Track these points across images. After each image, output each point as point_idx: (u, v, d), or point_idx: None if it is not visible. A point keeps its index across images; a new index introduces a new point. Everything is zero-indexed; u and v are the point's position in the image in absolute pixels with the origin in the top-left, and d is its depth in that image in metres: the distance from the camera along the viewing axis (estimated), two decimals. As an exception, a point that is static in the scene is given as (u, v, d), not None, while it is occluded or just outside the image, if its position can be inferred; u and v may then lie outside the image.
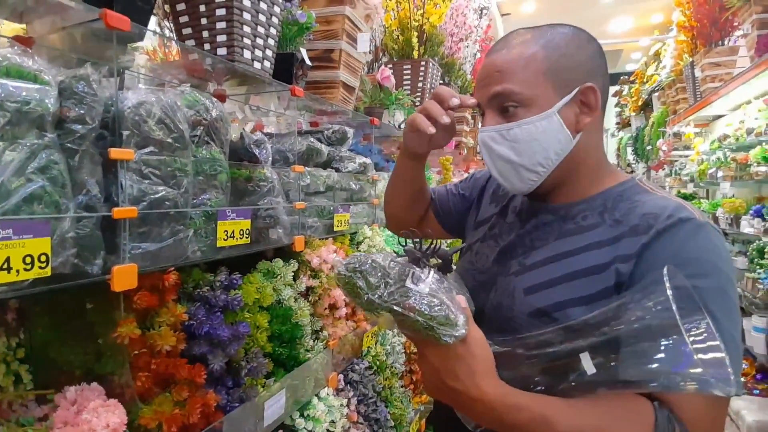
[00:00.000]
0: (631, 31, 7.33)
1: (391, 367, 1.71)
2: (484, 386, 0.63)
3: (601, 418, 0.63)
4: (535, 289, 0.77)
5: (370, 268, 0.62)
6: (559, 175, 0.80)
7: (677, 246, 0.68)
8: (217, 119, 1.05)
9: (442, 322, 0.60)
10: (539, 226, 0.83)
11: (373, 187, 1.89)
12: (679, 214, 0.70)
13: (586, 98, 0.77)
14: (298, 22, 1.37)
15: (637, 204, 0.75)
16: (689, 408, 0.63)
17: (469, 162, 4.73)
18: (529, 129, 0.76)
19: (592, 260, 0.73)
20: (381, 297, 0.61)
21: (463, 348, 0.63)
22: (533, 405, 0.63)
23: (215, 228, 1.03)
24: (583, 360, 0.61)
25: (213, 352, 1.02)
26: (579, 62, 0.78)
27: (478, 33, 3.89)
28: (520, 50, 0.78)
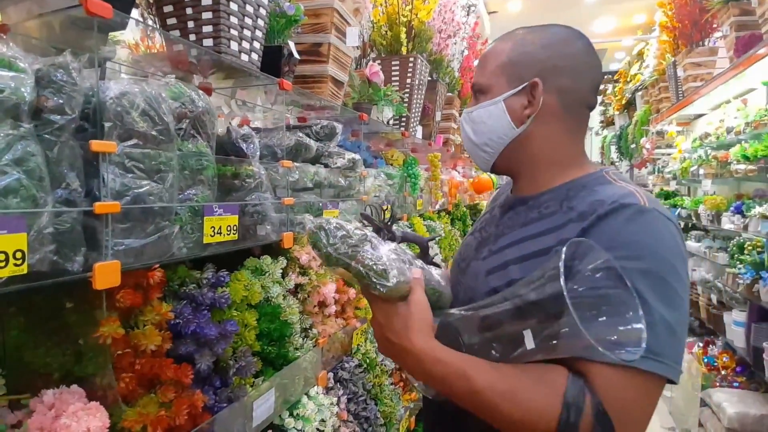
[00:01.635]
0: (614, 30, 7.41)
1: (381, 364, 1.69)
2: (414, 340, 0.72)
3: (515, 379, 0.68)
4: (494, 270, 0.84)
5: (334, 228, 0.73)
6: (512, 161, 0.88)
7: (615, 230, 0.71)
8: (204, 112, 1.02)
9: (378, 274, 0.72)
10: (511, 216, 0.89)
11: (362, 183, 1.87)
12: (623, 200, 0.73)
13: (533, 92, 0.83)
14: (287, 14, 1.34)
15: (593, 193, 0.78)
16: (604, 381, 0.65)
17: (457, 159, 4.74)
18: (479, 113, 0.87)
19: (542, 244, 0.79)
20: (337, 251, 0.72)
21: (404, 307, 0.74)
22: (455, 360, 0.70)
23: (202, 224, 1.00)
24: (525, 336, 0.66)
25: (200, 352, 0.99)
26: (537, 59, 0.83)
27: (466, 30, 3.88)
28: (494, 46, 0.89)
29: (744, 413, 2.79)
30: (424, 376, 0.74)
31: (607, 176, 0.82)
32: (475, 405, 0.69)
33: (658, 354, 0.64)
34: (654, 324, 0.64)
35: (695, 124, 5.10)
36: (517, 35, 0.87)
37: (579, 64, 0.84)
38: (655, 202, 0.74)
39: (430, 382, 0.74)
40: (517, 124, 0.84)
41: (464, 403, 0.71)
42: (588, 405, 0.64)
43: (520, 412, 0.66)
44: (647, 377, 0.65)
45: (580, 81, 0.84)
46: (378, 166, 2.36)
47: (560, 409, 0.64)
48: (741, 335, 3.12)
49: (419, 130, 2.97)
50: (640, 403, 0.67)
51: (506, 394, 0.67)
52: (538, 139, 0.85)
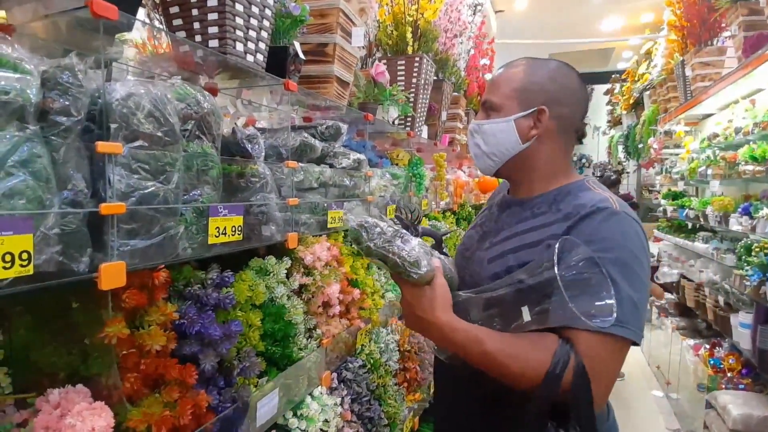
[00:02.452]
0: (622, 29, 7.35)
1: (385, 365, 1.69)
2: (439, 314, 0.89)
3: (517, 343, 0.87)
4: (494, 258, 1.01)
5: (372, 225, 0.87)
6: (515, 169, 1.06)
7: (592, 228, 0.91)
8: (209, 113, 1.03)
9: (411, 263, 0.86)
10: (509, 215, 1.08)
11: (367, 183, 1.87)
12: (599, 204, 0.93)
13: (538, 117, 1.02)
14: (292, 14, 1.34)
15: (576, 197, 0.98)
16: (586, 344, 0.84)
17: (462, 159, 4.72)
18: (491, 127, 1.05)
19: (533, 237, 0.97)
20: (375, 244, 0.86)
21: (429, 290, 0.90)
22: (469, 329, 0.89)
23: (206, 224, 1.00)
24: (524, 312, 0.86)
25: (204, 352, 0.99)
26: (545, 90, 1.02)
27: (472, 29, 3.87)
28: (510, 71, 1.06)
29: (748, 415, 2.77)
30: (445, 342, 0.91)
31: (587, 184, 1.02)
32: (485, 362, 0.87)
33: (625, 323, 0.85)
34: (622, 300, 0.84)
35: (704, 124, 5.05)
36: (528, 65, 1.04)
37: (576, 98, 1.04)
38: (624, 206, 0.94)
39: (450, 347, 0.92)
40: (522, 140, 1.02)
41: (476, 361, 0.88)
42: (572, 361, 0.83)
43: (520, 367, 0.85)
44: (617, 340, 0.86)
45: (574, 111, 1.04)
46: (383, 166, 2.35)
47: (550, 364, 0.83)
48: (747, 337, 3.08)
49: (425, 129, 2.97)
50: (611, 362, 0.87)
51: (510, 353, 0.85)
52: (537, 154, 1.04)
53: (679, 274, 4.46)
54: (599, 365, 0.85)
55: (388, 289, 1.83)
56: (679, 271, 4.46)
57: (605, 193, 0.98)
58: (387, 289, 1.82)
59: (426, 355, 2.01)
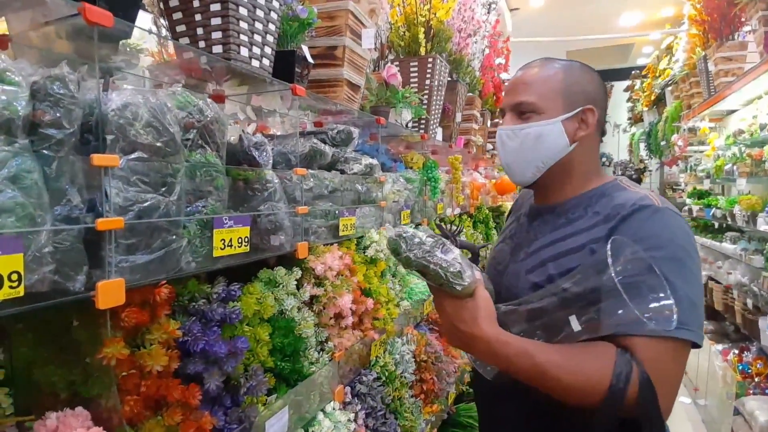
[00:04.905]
0: (641, 24, 7.17)
1: (401, 377, 1.63)
2: (483, 326, 0.84)
3: (570, 354, 0.81)
4: (533, 269, 0.98)
5: (411, 236, 0.85)
6: (554, 175, 1.00)
7: (637, 227, 0.87)
8: (213, 121, 0.99)
9: (454, 274, 0.83)
10: (541, 223, 1.04)
11: (380, 188, 1.82)
12: (641, 202, 0.89)
13: (585, 117, 0.98)
14: (299, 17, 1.30)
15: (613, 198, 0.94)
16: (646, 351, 0.79)
17: (478, 160, 4.64)
18: (537, 130, 0.97)
19: (574, 243, 0.93)
20: (415, 255, 0.84)
21: (471, 301, 0.85)
22: (518, 342, 0.83)
23: (211, 237, 0.96)
24: (571, 321, 0.80)
25: (209, 370, 0.95)
26: (586, 90, 0.99)
27: (487, 28, 3.79)
28: (545, 70, 0.99)
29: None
30: (491, 356, 0.86)
31: (621, 184, 0.99)
32: (538, 378, 0.82)
33: (686, 324, 0.79)
34: (680, 300, 0.77)
35: (728, 121, 4.88)
36: (563, 65, 1.00)
37: (605, 98, 1.03)
38: (666, 202, 0.90)
39: (496, 362, 0.86)
40: (570, 143, 0.98)
41: (527, 376, 0.83)
42: (635, 373, 0.77)
43: (577, 381, 0.79)
44: (679, 344, 0.81)
45: (604, 111, 1.02)
46: (398, 170, 2.30)
47: (611, 377, 0.77)
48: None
49: (439, 131, 2.90)
50: (675, 367, 0.82)
51: (564, 366, 0.80)
52: (576, 156, 0.99)
53: (707, 276, 4.30)
54: (663, 373, 0.79)
55: (403, 298, 1.77)
56: (706, 273, 4.30)
57: (642, 191, 0.94)
58: (402, 298, 1.77)
59: (443, 365, 1.95)
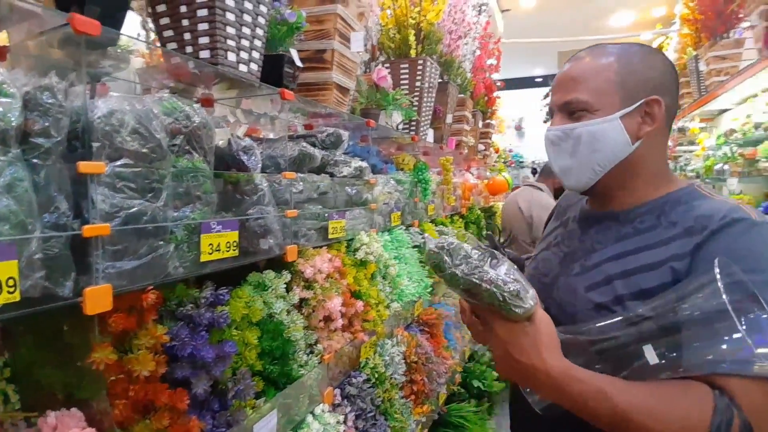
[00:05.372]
0: (632, 24, 7.23)
1: (391, 378, 1.64)
2: (548, 359, 0.71)
3: (659, 398, 0.68)
4: (594, 286, 0.85)
5: (455, 248, 0.72)
6: (616, 178, 0.87)
7: (730, 243, 0.74)
8: (200, 127, 0.99)
9: (514, 295, 0.70)
10: (600, 231, 0.91)
11: (370, 191, 1.83)
12: (733, 214, 0.76)
13: (650, 109, 0.85)
14: (288, 21, 1.31)
15: (692, 208, 0.82)
16: (747, 396, 0.66)
17: (470, 161, 4.66)
18: (591, 130, 0.85)
19: (648, 258, 0.80)
20: (463, 271, 0.70)
21: (530, 326, 0.72)
22: (593, 379, 0.70)
23: (198, 242, 0.97)
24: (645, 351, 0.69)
25: (196, 375, 0.96)
26: (648, 77, 0.85)
27: (477, 30, 3.81)
28: (595, 61, 0.88)
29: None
30: (556, 394, 0.72)
31: (700, 190, 0.86)
32: (616, 423, 0.69)
33: None
34: None
35: (719, 120, 4.93)
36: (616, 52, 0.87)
37: (674, 81, 0.88)
38: (760, 214, 0.78)
39: (562, 400, 0.73)
40: (632, 141, 0.85)
41: (602, 420, 0.70)
42: (736, 423, 0.65)
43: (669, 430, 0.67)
44: None
45: (675, 97, 0.88)
46: (389, 171, 2.31)
47: (709, 427, 0.65)
48: None
49: (430, 133, 2.92)
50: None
51: (652, 412, 0.67)
52: (642, 156, 0.87)
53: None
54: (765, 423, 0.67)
55: (393, 299, 1.78)
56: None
57: (731, 201, 0.82)
58: (392, 299, 1.78)
59: (434, 366, 1.96)
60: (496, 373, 0.99)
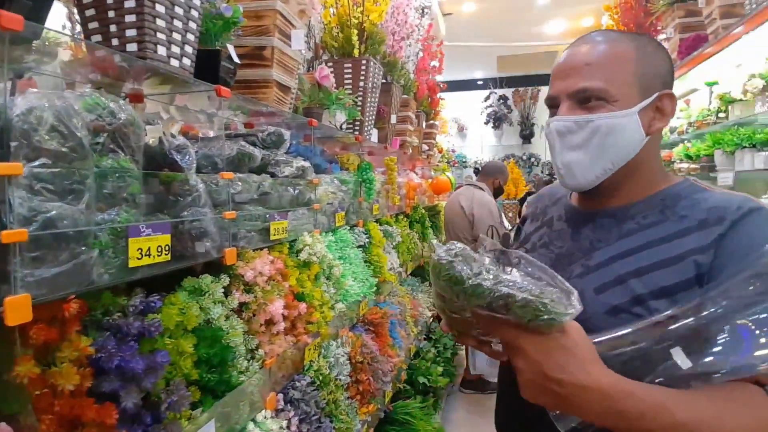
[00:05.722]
0: (565, 33, 7.63)
1: (336, 379, 1.63)
2: (595, 373, 0.61)
3: (719, 406, 0.61)
4: (605, 287, 0.78)
5: (469, 255, 0.61)
6: (621, 175, 0.82)
7: (754, 232, 0.71)
8: (126, 124, 0.94)
9: (555, 301, 0.58)
10: (597, 229, 0.85)
11: (313, 191, 1.81)
12: (749, 204, 0.74)
13: (662, 104, 0.81)
14: (224, 16, 1.27)
15: (698, 201, 0.78)
16: None
17: (415, 161, 4.73)
18: (609, 123, 0.78)
19: (663, 254, 0.75)
20: (490, 281, 0.58)
21: (565, 338, 0.62)
22: (649, 392, 0.61)
23: (126, 246, 0.92)
24: (674, 355, 0.62)
25: (125, 388, 0.90)
26: (661, 71, 0.82)
27: (420, 32, 3.87)
28: (612, 47, 0.80)
29: None
30: (608, 414, 0.61)
31: (698, 184, 0.83)
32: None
33: None
34: None
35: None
36: (632, 41, 0.81)
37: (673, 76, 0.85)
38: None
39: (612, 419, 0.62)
40: (645, 136, 0.81)
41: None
42: None
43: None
44: None
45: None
46: (333, 171, 2.30)
47: None
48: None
49: (374, 133, 2.93)
50: None
51: (714, 423, 0.60)
52: (647, 151, 0.82)
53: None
54: None
55: (338, 300, 1.77)
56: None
57: (733, 192, 0.80)
58: (337, 300, 1.77)
59: (379, 365, 1.97)
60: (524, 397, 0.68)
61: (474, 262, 0.61)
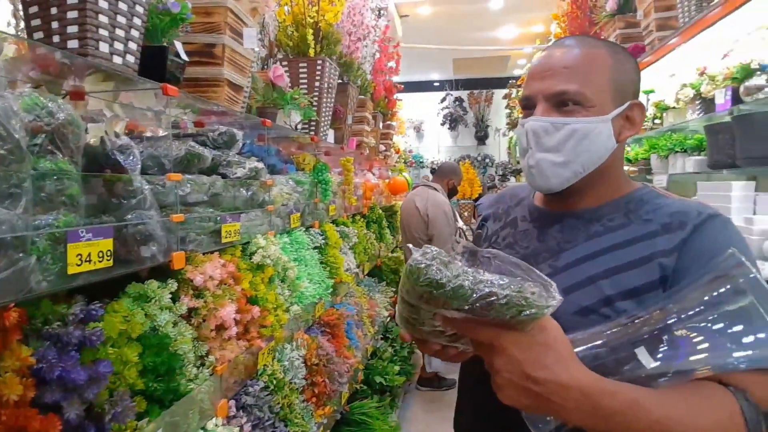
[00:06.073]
0: (516, 38, 7.87)
1: (290, 383, 1.62)
2: (575, 372, 0.62)
3: (687, 404, 0.63)
4: (574, 287, 0.79)
5: (444, 257, 0.59)
6: (590, 178, 0.84)
7: (715, 238, 0.75)
8: (65, 124, 0.89)
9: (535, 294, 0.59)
10: (564, 230, 0.87)
11: (267, 192, 1.78)
12: (708, 210, 0.79)
13: (632, 113, 0.84)
14: (171, 12, 1.23)
15: (660, 206, 0.82)
16: (759, 386, 0.64)
17: (372, 161, 4.75)
18: (586, 128, 0.80)
19: (629, 255, 0.78)
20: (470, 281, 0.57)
21: (545, 335, 0.62)
22: (626, 390, 0.62)
23: (65, 252, 0.87)
24: (639, 354, 0.63)
25: (68, 399, 0.86)
26: (632, 80, 0.85)
27: (377, 33, 3.89)
28: (589, 52, 0.82)
29: None
30: (587, 412, 0.61)
31: (657, 190, 0.87)
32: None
33: None
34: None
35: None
36: (606, 48, 0.84)
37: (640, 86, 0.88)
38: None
39: (591, 419, 0.62)
40: (615, 143, 0.83)
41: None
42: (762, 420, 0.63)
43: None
44: None
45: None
46: (288, 171, 2.27)
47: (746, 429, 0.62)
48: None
49: (331, 133, 2.92)
50: None
51: (685, 420, 0.62)
52: (615, 157, 0.85)
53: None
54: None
55: (293, 302, 1.76)
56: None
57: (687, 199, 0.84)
58: (292, 303, 1.75)
59: (335, 366, 1.97)
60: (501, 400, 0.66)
61: (451, 265, 0.60)
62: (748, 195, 2.25)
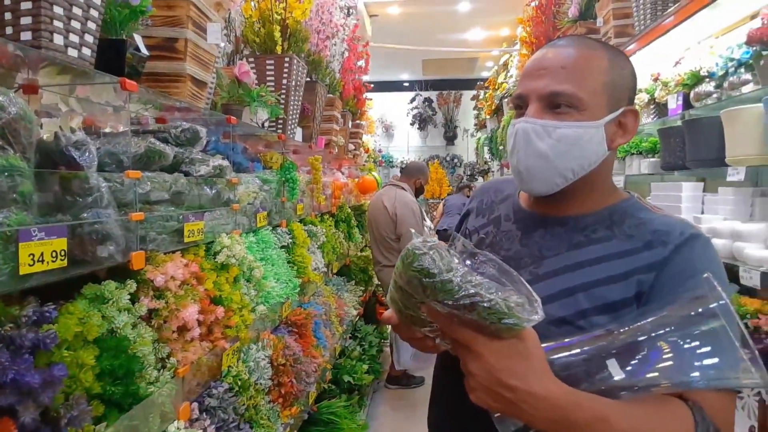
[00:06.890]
0: (485, 41, 7.99)
1: (256, 384, 1.60)
2: (547, 383, 0.63)
3: (650, 418, 0.66)
4: (553, 298, 0.78)
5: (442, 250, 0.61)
6: (578, 185, 0.82)
7: (694, 259, 0.75)
8: (16, 119, 0.86)
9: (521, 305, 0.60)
10: (547, 237, 0.85)
11: (232, 190, 1.75)
12: (690, 230, 0.78)
13: (626, 120, 0.82)
14: (130, 4, 1.19)
15: (643, 221, 0.81)
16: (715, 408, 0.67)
17: (341, 160, 4.73)
18: (577, 132, 0.78)
19: (609, 270, 0.78)
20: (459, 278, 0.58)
21: (522, 345, 0.63)
22: (593, 403, 0.64)
23: (16, 252, 0.84)
24: (610, 366, 0.65)
25: (22, 403, 0.83)
26: (628, 85, 0.83)
27: (346, 32, 3.88)
28: (588, 54, 0.80)
29: None
30: (555, 423, 0.63)
31: (641, 202, 0.86)
32: None
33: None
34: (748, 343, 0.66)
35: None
36: (604, 50, 0.82)
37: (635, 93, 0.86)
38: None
39: (559, 428, 0.64)
40: (608, 150, 0.81)
41: None
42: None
43: None
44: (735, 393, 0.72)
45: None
46: (255, 170, 2.24)
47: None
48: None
49: (299, 132, 2.89)
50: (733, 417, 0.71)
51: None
52: (605, 164, 0.83)
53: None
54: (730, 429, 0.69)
55: (259, 302, 1.74)
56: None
57: (670, 215, 0.83)
58: (258, 302, 1.73)
59: (302, 366, 1.96)
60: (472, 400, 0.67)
61: (446, 259, 0.61)
62: (696, 195, 2.37)
